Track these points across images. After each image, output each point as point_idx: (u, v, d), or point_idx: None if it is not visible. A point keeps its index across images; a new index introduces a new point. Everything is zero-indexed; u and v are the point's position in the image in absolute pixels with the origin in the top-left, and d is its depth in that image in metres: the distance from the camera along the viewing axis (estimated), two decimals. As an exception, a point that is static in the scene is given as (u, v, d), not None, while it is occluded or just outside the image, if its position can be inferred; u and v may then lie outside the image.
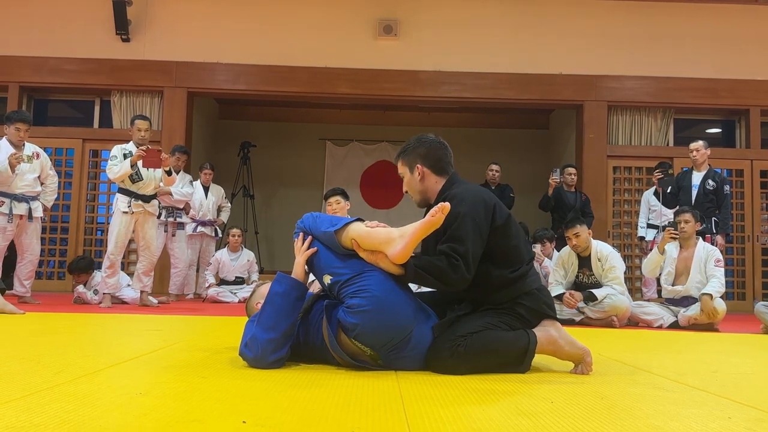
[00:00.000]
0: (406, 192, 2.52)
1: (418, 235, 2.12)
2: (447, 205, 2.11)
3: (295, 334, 2.22)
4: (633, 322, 5.21)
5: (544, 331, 2.29)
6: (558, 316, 5.18)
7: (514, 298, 2.28)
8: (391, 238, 2.14)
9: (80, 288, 5.87)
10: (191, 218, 7.26)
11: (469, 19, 8.17)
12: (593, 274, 5.16)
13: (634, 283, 7.89)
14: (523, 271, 2.31)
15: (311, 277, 3.98)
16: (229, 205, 7.86)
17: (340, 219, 2.29)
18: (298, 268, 2.26)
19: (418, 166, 2.43)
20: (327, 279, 2.21)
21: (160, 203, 6.05)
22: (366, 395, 1.75)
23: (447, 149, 2.50)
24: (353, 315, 2.09)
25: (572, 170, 7.06)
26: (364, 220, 2.29)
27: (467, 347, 2.15)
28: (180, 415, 1.46)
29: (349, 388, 1.85)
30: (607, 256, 5.13)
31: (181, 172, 6.72)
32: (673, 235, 5.22)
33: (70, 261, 6.54)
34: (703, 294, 4.92)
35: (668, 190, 6.33)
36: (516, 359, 2.23)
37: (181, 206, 6.70)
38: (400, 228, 2.18)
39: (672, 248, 5.27)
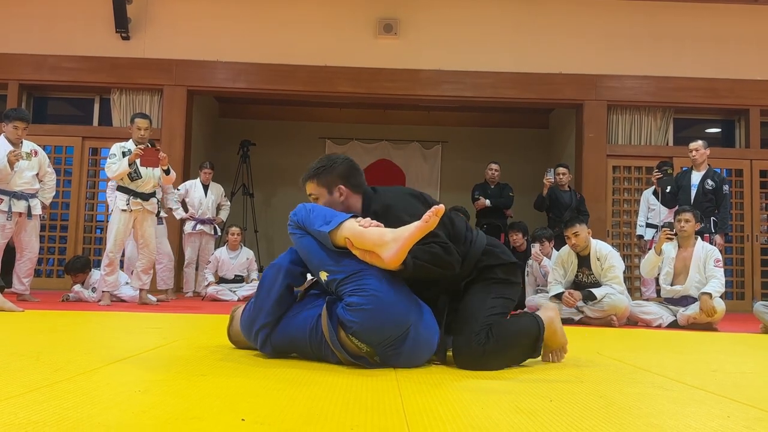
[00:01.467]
0: None
1: (412, 240, 2.08)
2: (441, 207, 2.08)
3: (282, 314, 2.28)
4: (632, 322, 5.21)
5: (546, 315, 2.39)
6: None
7: (476, 263, 2.35)
8: (384, 241, 2.10)
9: (77, 287, 5.87)
10: (191, 216, 7.26)
11: (470, 18, 8.17)
12: (592, 274, 5.16)
13: (633, 282, 7.89)
14: (470, 238, 2.39)
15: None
16: (229, 203, 7.86)
17: (334, 215, 2.25)
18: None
19: (340, 186, 2.38)
20: (323, 276, 2.20)
21: (159, 201, 6.04)
22: (365, 393, 1.75)
23: (359, 168, 2.51)
24: (352, 313, 2.09)
25: (562, 170, 7.05)
26: (357, 217, 2.26)
27: (495, 343, 2.21)
28: (179, 413, 1.46)
29: (348, 386, 1.85)
30: (606, 255, 5.13)
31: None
32: (669, 236, 5.22)
33: (68, 260, 6.53)
34: (703, 293, 4.92)
35: (667, 190, 6.34)
36: (532, 346, 2.34)
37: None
38: (393, 230, 2.13)
39: (670, 248, 5.26)
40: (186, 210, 7.24)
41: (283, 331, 2.27)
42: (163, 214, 6.70)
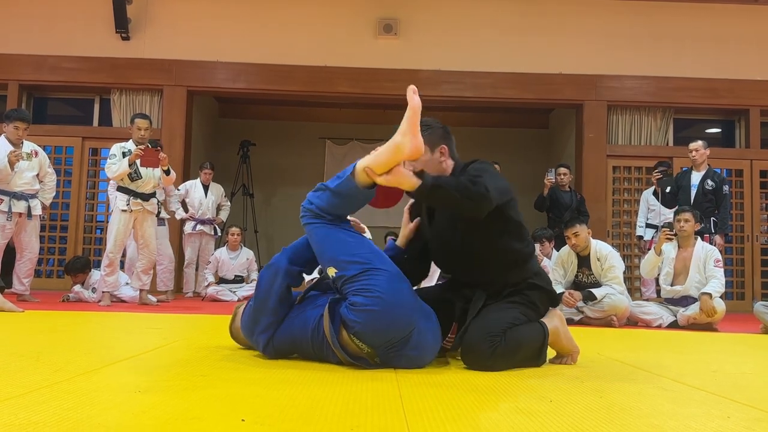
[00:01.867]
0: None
1: (413, 121, 2.12)
2: (413, 86, 2.16)
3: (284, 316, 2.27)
4: (632, 322, 5.21)
5: (552, 323, 2.38)
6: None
7: (527, 278, 2.36)
8: (396, 144, 2.11)
9: (77, 287, 5.87)
10: (191, 216, 7.26)
11: (469, 19, 8.17)
12: (592, 274, 5.16)
13: (633, 282, 7.89)
14: (533, 248, 2.44)
15: (313, 274, 3.94)
16: (229, 203, 7.87)
17: (343, 171, 2.22)
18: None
19: (443, 146, 2.37)
20: (332, 271, 2.20)
21: (159, 202, 6.04)
22: (365, 394, 1.75)
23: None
24: (356, 313, 2.08)
25: (563, 170, 7.05)
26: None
27: (504, 347, 2.21)
28: (179, 413, 1.46)
29: (348, 387, 1.85)
30: (606, 255, 5.13)
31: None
32: (669, 236, 5.22)
33: (68, 260, 6.53)
34: (703, 293, 4.92)
35: (667, 190, 6.33)
36: (537, 353, 2.33)
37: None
38: (396, 133, 2.14)
39: (669, 248, 5.26)
40: (186, 210, 7.25)
41: (284, 332, 2.27)
42: (165, 215, 6.71)
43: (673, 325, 5.06)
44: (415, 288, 2.38)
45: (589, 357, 2.77)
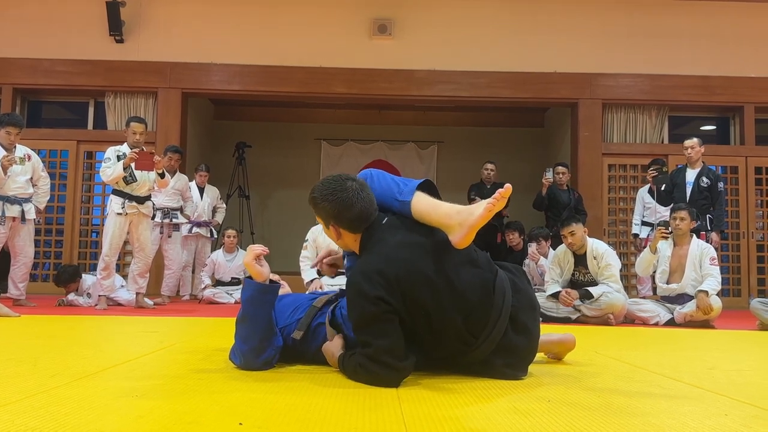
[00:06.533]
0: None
1: (476, 227, 1.96)
2: (509, 187, 1.91)
3: (278, 334, 2.18)
4: (629, 320, 5.21)
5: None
6: (555, 315, 5.19)
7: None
8: (449, 225, 2.00)
9: (71, 296, 5.85)
10: (186, 218, 7.25)
11: (464, 18, 8.18)
12: (589, 272, 5.17)
13: (629, 280, 7.90)
14: (483, 339, 2.02)
15: (311, 275, 3.93)
16: (225, 206, 7.85)
17: (406, 183, 2.13)
18: (252, 270, 2.17)
19: (332, 225, 2.13)
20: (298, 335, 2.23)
21: (154, 204, 6.03)
22: (363, 396, 1.75)
23: (356, 203, 2.05)
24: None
25: (561, 169, 7.06)
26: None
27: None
28: (177, 417, 1.46)
29: (346, 389, 1.85)
30: (602, 254, 5.14)
31: (177, 172, 6.71)
32: (664, 234, 5.23)
33: (62, 265, 6.50)
34: (699, 291, 4.93)
35: (662, 188, 6.34)
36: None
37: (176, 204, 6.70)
38: (459, 211, 1.99)
39: (665, 246, 5.27)
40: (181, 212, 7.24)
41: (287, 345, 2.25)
42: (182, 219, 6.73)
43: (670, 323, 5.07)
44: None
45: (587, 356, 2.78)
